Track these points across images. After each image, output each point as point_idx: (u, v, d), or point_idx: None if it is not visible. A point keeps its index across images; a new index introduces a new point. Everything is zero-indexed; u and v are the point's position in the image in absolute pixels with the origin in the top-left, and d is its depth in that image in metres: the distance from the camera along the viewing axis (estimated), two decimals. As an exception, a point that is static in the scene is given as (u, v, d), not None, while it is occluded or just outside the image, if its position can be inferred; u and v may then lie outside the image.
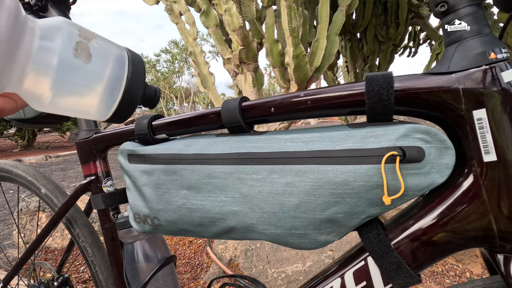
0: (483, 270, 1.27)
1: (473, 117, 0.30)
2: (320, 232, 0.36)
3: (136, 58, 0.33)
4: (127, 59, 0.32)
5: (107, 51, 0.31)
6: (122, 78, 0.31)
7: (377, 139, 0.32)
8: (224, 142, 0.42)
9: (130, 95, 0.32)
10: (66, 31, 0.27)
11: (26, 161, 5.48)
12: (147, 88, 0.37)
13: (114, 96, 0.31)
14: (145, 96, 0.36)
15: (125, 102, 0.32)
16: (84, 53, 0.28)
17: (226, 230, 0.41)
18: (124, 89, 0.31)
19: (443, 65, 0.32)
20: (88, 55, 0.28)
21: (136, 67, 0.32)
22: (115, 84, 0.31)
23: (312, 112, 0.38)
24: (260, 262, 1.31)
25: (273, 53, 1.54)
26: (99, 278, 0.64)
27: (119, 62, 0.31)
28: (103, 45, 0.30)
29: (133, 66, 0.32)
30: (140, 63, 0.33)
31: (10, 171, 0.75)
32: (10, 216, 2.36)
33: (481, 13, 0.30)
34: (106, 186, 0.59)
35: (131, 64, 0.32)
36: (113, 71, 0.31)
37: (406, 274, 0.33)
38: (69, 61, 0.27)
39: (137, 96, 0.33)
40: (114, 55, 0.31)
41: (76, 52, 0.27)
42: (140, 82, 0.33)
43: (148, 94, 0.37)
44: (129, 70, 0.32)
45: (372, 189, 0.32)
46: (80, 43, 0.28)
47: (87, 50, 0.28)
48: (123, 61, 0.32)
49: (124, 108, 0.32)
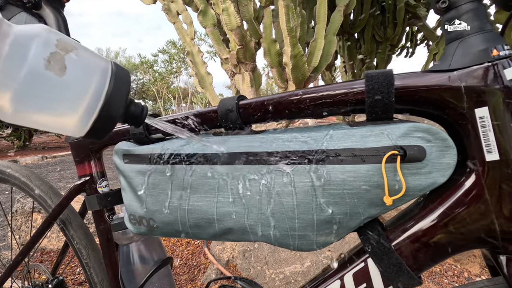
0: (481, 270, 1.27)
1: (475, 115, 0.30)
2: (319, 233, 0.35)
3: (121, 74, 0.31)
4: (109, 74, 0.30)
5: (88, 64, 0.29)
6: (100, 94, 0.29)
7: (377, 138, 0.32)
8: (220, 142, 0.41)
9: (108, 112, 0.29)
10: (41, 40, 0.25)
11: (22, 162, 5.44)
12: (133, 105, 0.34)
13: (89, 113, 0.29)
14: (129, 114, 0.34)
15: (101, 120, 0.29)
16: (58, 65, 0.26)
17: (223, 231, 0.40)
18: (101, 106, 0.29)
19: (444, 62, 0.31)
20: (62, 68, 0.26)
21: (119, 83, 0.30)
22: (91, 100, 0.28)
23: (310, 111, 0.37)
24: (258, 263, 1.30)
25: (271, 53, 1.53)
26: (94, 280, 0.63)
27: (99, 77, 0.29)
28: (84, 58, 0.28)
29: (116, 82, 0.30)
30: (124, 79, 0.31)
31: (3, 172, 0.74)
32: (5, 217, 2.33)
33: (483, 10, 0.29)
34: (101, 187, 0.58)
35: (113, 79, 0.30)
36: (90, 86, 0.28)
37: (407, 276, 0.32)
38: (38, 72, 0.25)
39: (117, 114, 0.30)
40: (95, 69, 0.29)
41: (48, 64, 0.25)
42: (121, 99, 0.30)
43: (133, 111, 0.34)
44: (110, 86, 0.29)
45: (372, 189, 0.32)
46: (55, 54, 0.26)
47: (62, 62, 0.26)
48: (105, 76, 0.29)
49: (100, 126, 0.30)
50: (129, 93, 0.31)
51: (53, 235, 1.74)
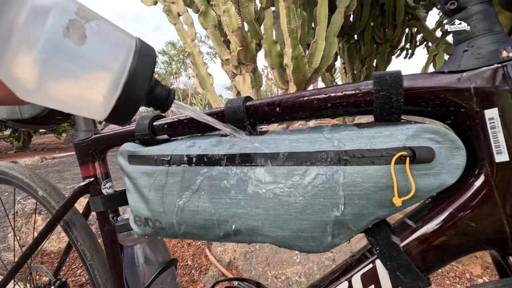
0: (482, 271, 1.27)
1: (484, 116, 0.30)
2: (328, 234, 0.35)
3: (146, 51, 0.28)
4: (133, 49, 0.27)
5: (110, 36, 0.26)
6: (123, 69, 0.26)
7: (385, 139, 0.32)
8: (227, 143, 0.41)
9: (131, 91, 0.27)
10: (60, 7, 0.23)
11: (22, 163, 5.42)
12: (159, 86, 0.31)
13: (112, 89, 0.26)
14: (154, 96, 0.31)
15: (124, 100, 0.27)
16: (77, 33, 0.24)
17: (230, 233, 0.40)
18: (124, 82, 0.26)
19: (453, 63, 0.31)
20: (82, 37, 0.24)
21: (143, 60, 0.27)
22: (114, 75, 0.26)
23: (318, 112, 0.37)
24: (259, 264, 1.30)
25: (271, 54, 1.53)
26: (98, 282, 0.63)
27: (122, 51, 0.27)
28: (105, 29, 0.26)
29: (140, 58, 0.27)
30: (149, 57, 0.28)
31: (6, 173, 0.73)
32: (5, 218, 2.32)
33: (492, 11, 0.30)
34: (105, 188, 0.58)
35: (137, 55, 0.27)
36: (112, 60, 0.26)
37: (416, 277, 0.32)
38: (57, 40, 0.23)
39: (140, 94, 0.28)
40: (118, 42, 0.27)
41: (66, 31, 0.23)
42: (145, 77, 0.28)
43: (159, 94, 0.31)
44: (134, 62, 0.27)
45: (381, 190, 0.32)
46: (74, 21, 0.24)
47: (82, 30, 0.24)
48: (128, 51, 0.27)
49: (123, 106, 0.27)
50: (153, 71, 0.29)
51: (53, 236, 1.73)
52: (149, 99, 0.31)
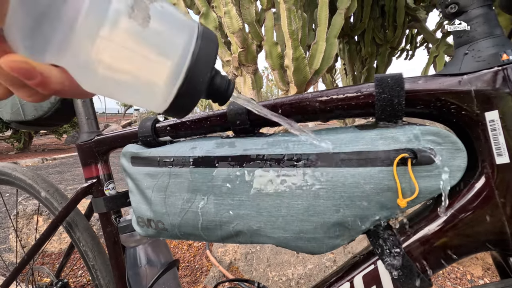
0: (483, 272, 1.27)
1: (485, 119, 0.30)
2: (330, 235, 0.35)
3: (209, 36, 0.26)
4: (196, 33, 0.25)
5: (173, 18, 0.25)
6: (186, 54, 0.25)
7: (387, 141, 0.32)
8: (230, 144, 0.41)
9: (195, 78, 0.25)
10: None
11: (23, 164, 5.43)
12: (218, 76, 0.29)
13: (174, 75, 0.25)
14: (214, 86, 0.29)
15: (187, 86, 0.25)
16: (142, 14, 0.23)
17: (233, 234, 0.41)
18: (187, 68, 0.25)
19: (454, 66, 0.31)
20: (146, 18, 0.23)
21: (206, 45, 0.25)
22: (176, 59, 0.24)
23: (320, 114, 0.37)
24: (260, 265, 1.30)
25: (272, 55, 1.54)
26: (100, 283, 0.63)
27: (185, 34, 0.25)
28: (169, 11, 0.25)
29: (203, 42, 0.25)
30: (212, 41, 0.26)
31: (8, 174, 0.74)
32: (6, 219, 2.33)
33: (492, 14, 0.30)
34: (108, 189, 0.59)
35: (200, 39, 0.25)
36: (175, 42, 0.24)
37: (417, 278, 0.32)
38: (122, 21, 0.22)
39: (203, 82, 0.26)
40: (181, 25, 0.25)
41: (132, 12, 0.22)
42: (208, 64, 0.26)
43: (219, 84, 0.29)
44: (197, 46, 0.25)
45: (383, 192, 0.32)
46: (139, 1, 0.23)
47: (146, 11, 0.23)
48: (191, 35, 0.25)
49: (185, 95, 0.25)
50: (216, 59, 0.27)
51: (54, 237, 1.73)
52: (210, 90, 0.29)
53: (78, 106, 0.61)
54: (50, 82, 0.22)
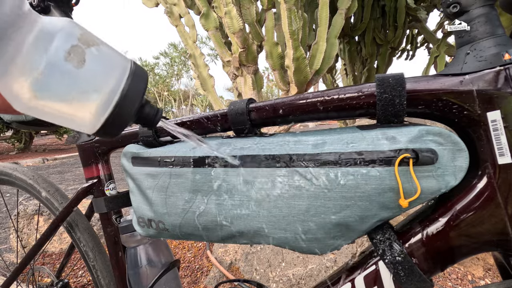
0: (484, 273, 1.27)
1: (487, 119, 0.30)
2: (331, 236, 0.35)
3: (140, 73, 0.31)
4: (128, 72, 0.30)
5: (107, 60, 0.29)
6: (116, 91, 0.29)
7: (388, 141, 0.32)
8: (231, 144, 0.41)
9: (122, 110, 0.30)
10: (65, 32, 0.26)
11: (23, 164, 5.43)
12: (148, 106, 0.34)
13: (103, 108, 0.29)
14: (143, 114, 0.34)
15: (114, 118, 0.29)
16: (77, 58, 0.26)
17: (234, 234, 0.41)
18: (115, 103, 0.29)
19: (456, 66, 0.31)
20: (81, 61, 0.27)
21: (136, 82, 0.30)
22: (107, 96, 0.29)
23: (321, 114, 0.37)
24: (261, 265, 1.30)
25: (273, 55, 1.54)
26: (101, 283, 0.63)
27: (117, 74, 0.29)
28: (104, 54, 0.29)
29: (133, 81, 0.30)
30: (142, 79, 0.31)
31: (9, 174, 0.74)
32: (7, 219, 2.33)
33: (494, 14, 0.30)
34: (109, 189, 0.59)
35: (130, 78, 0.30)
36: (107, 82, 0.29)
37: (419, 279, 0.32)
38: (58, 63, 0.26)
39: (130, 112, 0.30)
40: (114, 65, 0.29)
41: (68, 56, 0.26)
42: (136, 98, 0.30)
43: (148, 113, 0.34)
44: (127, 84, 0.29)
45: (384, 192, 0.32)
46: (76, 47, 0.26)
47: (82, 55, 0.27)
48: (123, 74, 0.30)
49: (112, 124, 0.30)
50: (145, 93, 0.32)
51: (55, 237, 1.73)
52: (138, 117, 0.33)
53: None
54: None
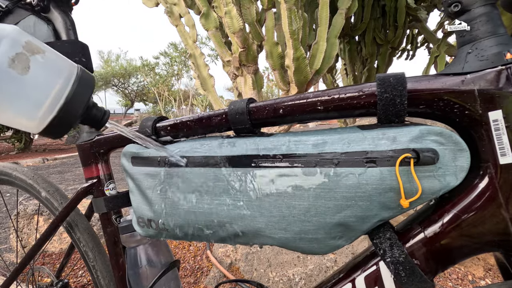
0: (485, 273, 1.27)
1: (488, 118, 0.30)
2: (331, 236, 0.35)
3: (85, 79, 0.33)
4: (73, 78, 0.32)
5: (53, 67, 0.30)
6: (60, 96, 0.30)
7: (389, 141, 0.32)
8: (230, 144, 0.41)
9: (67, 113, 0.31)
10: (10, 40, 0.27)
11: (23, 164, 5.43)
12: (94, 109, 0.36)
13: (47, 112, 0.30)
14: (90, 116, 0.36)
15: (59, 119, 0.31)
16: (21, 64, 0.28)
17: (234, 234, 0.40)
18: (60, 107, 0.31)
19: (457, 66, 0.31)
20: (25, 68, 0.28)
21: (82, 87, 0.32)
22: (51, 100, 0.30)
23: (321, 114, 0.37)
24: (261, 265, 1.30)
25: (273, 55, 1.54)
26: (101, 283, 0.63)
27: (62, 80, 0.31)
28: (50, 61, 0.30)
29: (79, 86, 0.32)
30: (87, 84, 0.33)
31: (9, 174, 0.74)
32: (7, 219, 2.33)
33: (496, 13, 0.30)
34: (108, 189, 0.58)
35: (76, 83, 0.31)
36: (52, 87, 0.30)
37: (420, 279, 0.32)
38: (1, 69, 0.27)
39: (75, 115, 0.32)
40: (60, 72, 0.31)
41: (11, 63, 0.27)
42: (81, 102, 0.32)
43: (94, 115, 0.37)
44: (72, 89, 0.31)
45: (385, 192, 0.32)
46: (20, 54, 0.28)
47: (26, 62, 0.28)
48: (68, 79, 0.31)
49: (57, 125, 0.32)
50: (90, 97, 0.34)
51: (54, 237, 1.73)
52: (84, 118, 0.35)
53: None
54: None
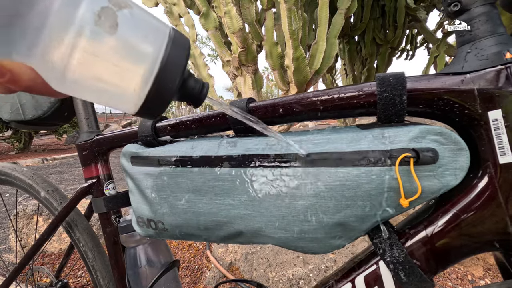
0: (484, 273, 1.27)
1: (488, 118, 0.30)
2: (331, 236, 0.35)
3: (180, 41, 0.27)
4: (166, 39, 0.26)
5: (143, 25, 0.25)
6: (155, 60, 0.25)
7: (389, 140, 0.32)
8: (230, 144, 0.41)
9: (163, 84, 0.26)
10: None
11: (23, 164, 5.42)
12: (192, 80, 0.30)
13: (143, 80, 0.25)
14: (187, 89, 0.29)
15: (155, 93, 0.26)
16: (109, 21, 0.23)
17: (233, 234, 0.40)
18: (156, 74, 0.25)
19: (457, 65, 0.31)
20: (114, 25, 0.23)
21: (176, 51, 0.26)
22: (145, 65, 0.25)
23: (321, 113, 0.37)
24: (260, 265, 1.30)
25: (272, 55, 1.54)
26: (100, 283, 0.63)
27: (154, 40, 0.25)
28: (139, 17, 0.25)
29: (172, 48, 0.26)
30: (182, 47, 0.27)
31: (8, 174, 0.74)
32: (6, 219, 2.33)
33: (495, 13, 0.30)
34: (108, 189, 0.58)
35: (170, 45, 0.26)
36: (144, 49, 0.25)
37: (420, 279, 0.32)
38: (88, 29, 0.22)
39: (172, 86, 0.26)
40: (151, 31, 0.26)
41: (98, 19, 0.23)
42: (178, 69, 0.26)
43: (192, 87, 0.30)
44: (166, 52, 0.25)
45: (385, 191, 0.32)
46: (106, 9, 0.23)
47: (114, 18, 0.23)
48: (161, 41, 0.26)
49: (154, 100, 0.26)
50: (187, 63, 0.28)
51: (54, 238, 1.73)
52: (182, 93, 0.29)
53: (78, 105, 0.61)
54: (21, 79, 0.23)
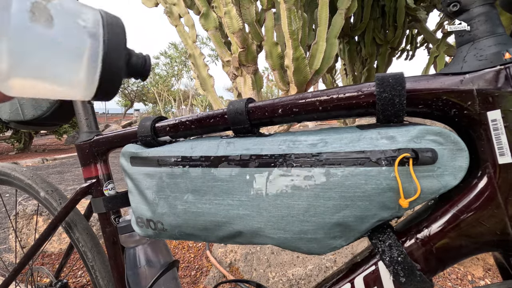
0: (484, 273, 1.27)
1: (487, 118, 0.30)
2: (330, 236, 0.35)
3: (114, 20, 0.27)
4: (101, 21, 0.26)
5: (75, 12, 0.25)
6: (97, 44, 0.25)
7: (388, 141, 0.32)
8: (229, 144, 0.41)
9: (111, 65, 0.26)
10: None
11: (23, 164, 5.42)
12: (133, 56, 0.31)
13: (91, 68, 0.25)
14: (132, 66, 0.31)
15: (107, 74, 0.26)
16: (43, 15, 0.23)
17: (233, 234, 0.40)
18: (102, 58, 0.25)
19: (456, 65, 0.31)
20: (48, 18, 0.23)
21: (114, 31, 0.26)
22: (89, 52, 0.25)
23: (320, 114, 0.37)
24: (260, 265, 1.30)
25: (272, 55, 1.54)
26: (100, 283, 0.63)
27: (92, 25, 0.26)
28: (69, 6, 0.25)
29: (110, 28, 0.26)
30: (118, 26, 0.27)
31: (8, 174, 0.74)
32: (6, 219, 2.33)
33: (495, 13, 0.30)
34: (107, 189, 0.58)
35: (106, 27, 0.26)
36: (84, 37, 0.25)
37: (419, 279, 0.32)
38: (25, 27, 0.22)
39: (121, 64, 0.27)
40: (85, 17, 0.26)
41: (32, 15, 0.22)
42: (120, 46, 0.27)
43: (136, 63, 0.31)
44: (105, 34, 0.26)
45: (384, 192, 0.32)
46: (36, 3, 0.23)
47: (47, 11, 0.23)
48: (97, 24, 0.26)
49: (108, 81, 0.26)
50: (126, 41, 0.28)
51: (54, 238, 1.73)
52: (129, 70, 0.31)
53: (77, 105, 0.61)
54: None
